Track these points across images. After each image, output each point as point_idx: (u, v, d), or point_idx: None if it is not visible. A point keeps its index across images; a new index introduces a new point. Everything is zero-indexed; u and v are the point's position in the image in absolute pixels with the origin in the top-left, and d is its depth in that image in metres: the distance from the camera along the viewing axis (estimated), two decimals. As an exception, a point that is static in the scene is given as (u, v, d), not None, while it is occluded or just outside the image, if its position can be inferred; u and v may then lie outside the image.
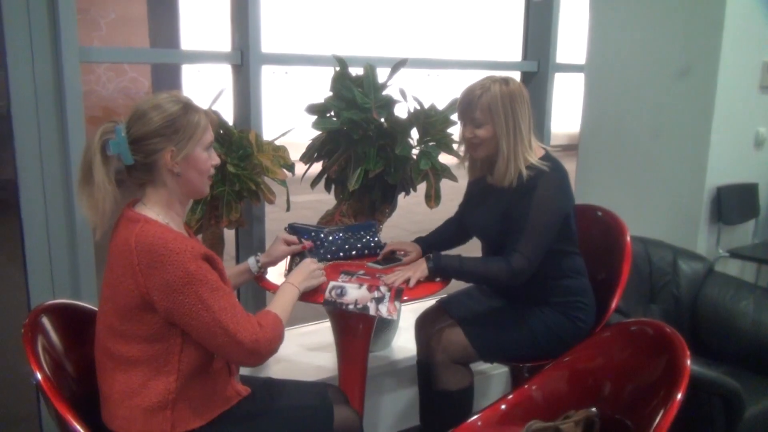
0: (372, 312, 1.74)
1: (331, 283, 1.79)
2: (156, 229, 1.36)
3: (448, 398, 1.95)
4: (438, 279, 1.94)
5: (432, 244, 2.16)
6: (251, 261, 1.90)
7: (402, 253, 2.11)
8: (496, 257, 1.88)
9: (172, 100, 1.42)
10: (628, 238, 2.08)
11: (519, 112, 1.87)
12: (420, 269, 1.90)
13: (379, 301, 1.76)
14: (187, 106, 1.43)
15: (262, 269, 1.91)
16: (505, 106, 1.86)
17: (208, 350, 1.42)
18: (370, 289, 1.79)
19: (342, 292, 1.77)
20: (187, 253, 1.32)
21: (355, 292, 1.78)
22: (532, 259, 1.83)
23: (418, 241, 2.19)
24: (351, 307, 1.75)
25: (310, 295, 1.75)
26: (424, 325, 2.16)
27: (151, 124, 1.38)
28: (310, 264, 1.74)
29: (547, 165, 1.88)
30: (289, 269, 1.92)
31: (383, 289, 1.79)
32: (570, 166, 1.97)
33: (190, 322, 1.34)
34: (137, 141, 1.38)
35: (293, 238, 1.94)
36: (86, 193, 1.37)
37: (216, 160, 1.51)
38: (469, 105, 1.90)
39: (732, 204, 2.82)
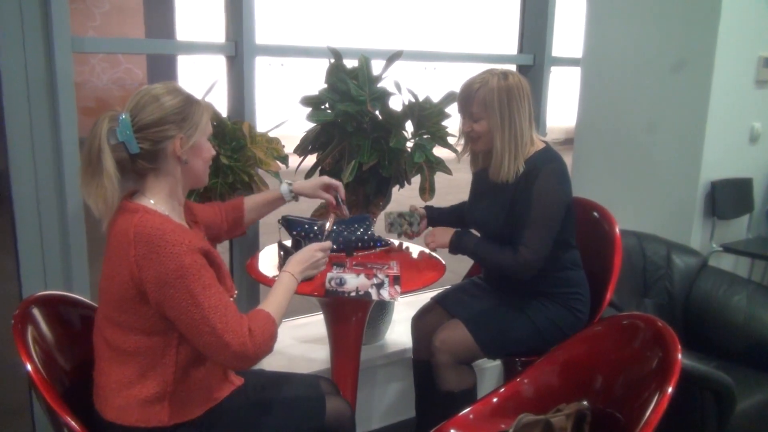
0: (374, 297, 1.79)
1: (329, 275, 1.81)
2: (155, 218, 1.34)
3: (451, 399, 1.91)
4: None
5: (440, 218, 2.20)
6: (283, 187, 1.89)
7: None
8: (507, 249, 1.88)
9: (175, 89, 1.42)
10: (617, 231, 2.08)
11: (516, 108, 1.85)
12: (442, 240, 1.99)
13: (379, 286, 1.80)
14: (190, 96, 1.43)
15: (296, 198, 1.91)
16: (501, 102, 1.84)
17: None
18: (368, 276, 1.82)
19: (341, 282, 1.80)
20: (184, 246, 1.30)
21: (354, 281, 1.81)
22: (540, 251, 1.83)
23: (428, 209, 2.21)
24: (353, 294, 1.79)
25: (310, 288, 1.75)
26: (422, 324, 2.15)
27: (160, 111, 1.37)
28: (314, 252, 1.63)
29: (546, 158, 1.88)
30: (282, 262, 1.91)
31: (381, 275, 1.83)
32: (566, 160, 1.98)
33: (179, 316, 1.31)
34: (145, 128, 1.36)
35: (330, 197, 1.92)
36: (94, 184, 1.33)
37: (213, 151, 1.52)
38: (467, 99, 1.90)
39: (726, 199, 2.82)
